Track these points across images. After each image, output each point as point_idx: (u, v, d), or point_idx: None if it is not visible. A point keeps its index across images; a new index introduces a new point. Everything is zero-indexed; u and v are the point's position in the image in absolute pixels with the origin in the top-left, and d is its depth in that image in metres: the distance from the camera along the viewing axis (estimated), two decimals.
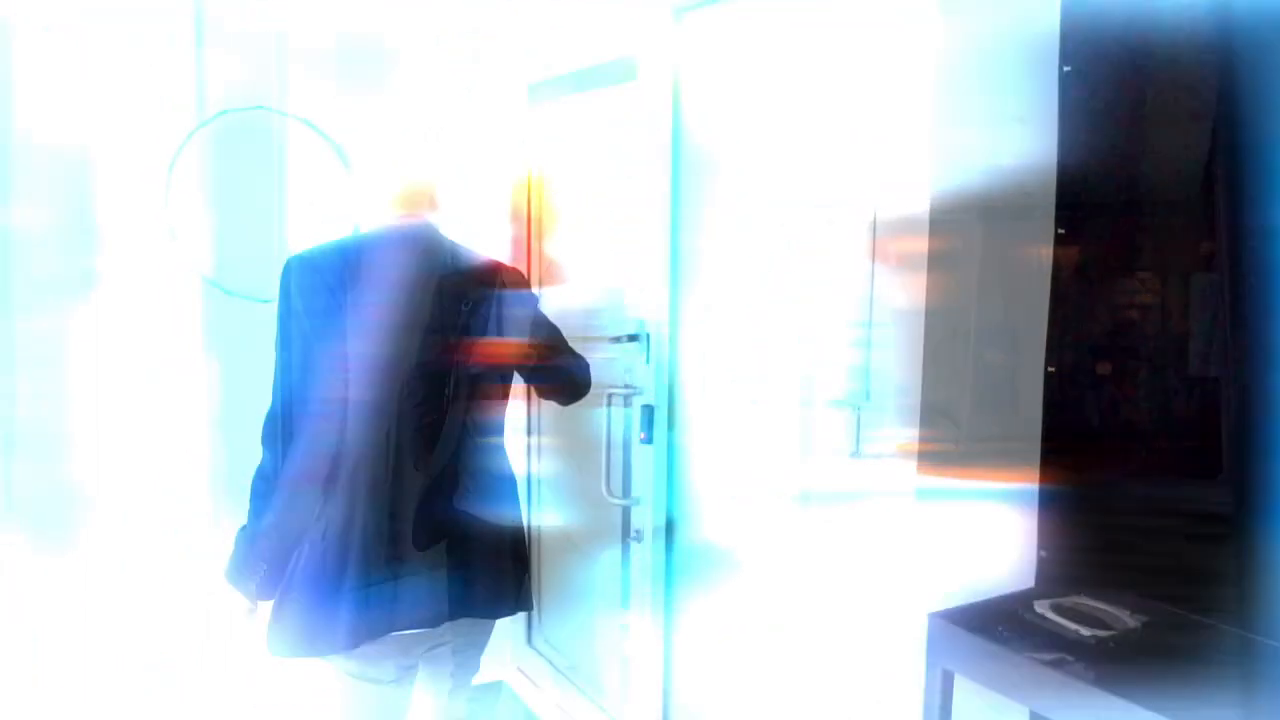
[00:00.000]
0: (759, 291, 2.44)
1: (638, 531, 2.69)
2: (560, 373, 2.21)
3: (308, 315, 1.80)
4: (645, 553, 2.71)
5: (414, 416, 1.87)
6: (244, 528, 1.88)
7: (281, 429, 1.82)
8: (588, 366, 2.27)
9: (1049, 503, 1.99)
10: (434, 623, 1.93)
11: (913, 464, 1.80)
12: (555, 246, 3.24)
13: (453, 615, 1.95)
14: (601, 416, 2.61)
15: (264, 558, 1.86)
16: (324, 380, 1.80)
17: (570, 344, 2.23)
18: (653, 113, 2.51)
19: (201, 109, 4.72)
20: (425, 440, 1.89)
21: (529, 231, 3.36)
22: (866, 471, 1.90)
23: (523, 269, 2.90)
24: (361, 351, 1.80)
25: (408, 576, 1.88)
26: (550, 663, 3.42)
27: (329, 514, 1.85)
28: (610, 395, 2.66)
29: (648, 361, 2.59)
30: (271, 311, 1.86)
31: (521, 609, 2.10)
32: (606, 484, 2.65)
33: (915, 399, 1.78)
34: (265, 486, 1.83)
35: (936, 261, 1.75)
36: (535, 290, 2.33)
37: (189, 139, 3.86)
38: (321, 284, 1.80)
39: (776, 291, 2.37)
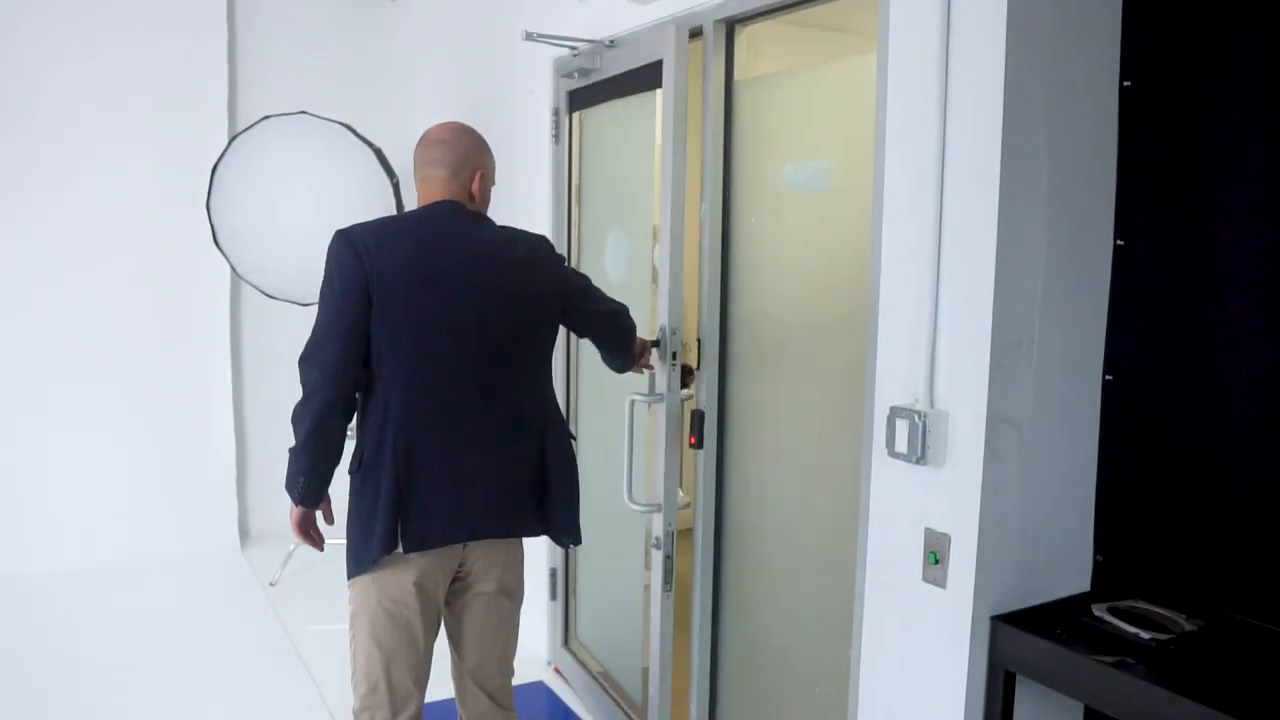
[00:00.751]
0: (810, 293, 2.48)
1: (657, 539, 2.69)
2: (606, 317, 2.44)
3: (338, 277, 2.08)
4: (697, 556, 2.75)
5: (442, 359, 2.13)
6: (290, 447, 2.14)
7: (311, 365, 2.11)
8: (627, 309, 2.48)
9: (1106, 508, 2.04)
10: (475, 535, 2.19)
11: (976, 469, 1.84)
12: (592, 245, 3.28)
13: (477, 534, 2.20)
14: (622, 423, 2.66)
15: (302, 469, 2.14)
16: (347, 328, 2.08)
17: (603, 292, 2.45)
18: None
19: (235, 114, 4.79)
20: (458, 385, 2.14)
21: (569, 230, 3.40)
22: (928, 478, 1.93)
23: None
24: (386, 305, 2.08)
25: (435, 497, 2.13)
26: (584, 666, 3.45)
27: (362, 441, 2.16)
28: (634, 401, 2.67)
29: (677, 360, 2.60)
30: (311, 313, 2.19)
31: (538, 532, 2.30)
32: (629, 490, 2.66)
33: (980, 406, 1.82)
34: (300, 411, 2.11)
35: (1004, 269, 1.78)
36: (559, 255, 2.41)
37: (232, 143, 3.90)
38: (350, 249, 2.08)
39: (830, 294, 2.41)
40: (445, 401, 2.13)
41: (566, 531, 2.31)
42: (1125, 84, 1.94)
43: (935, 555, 1.93)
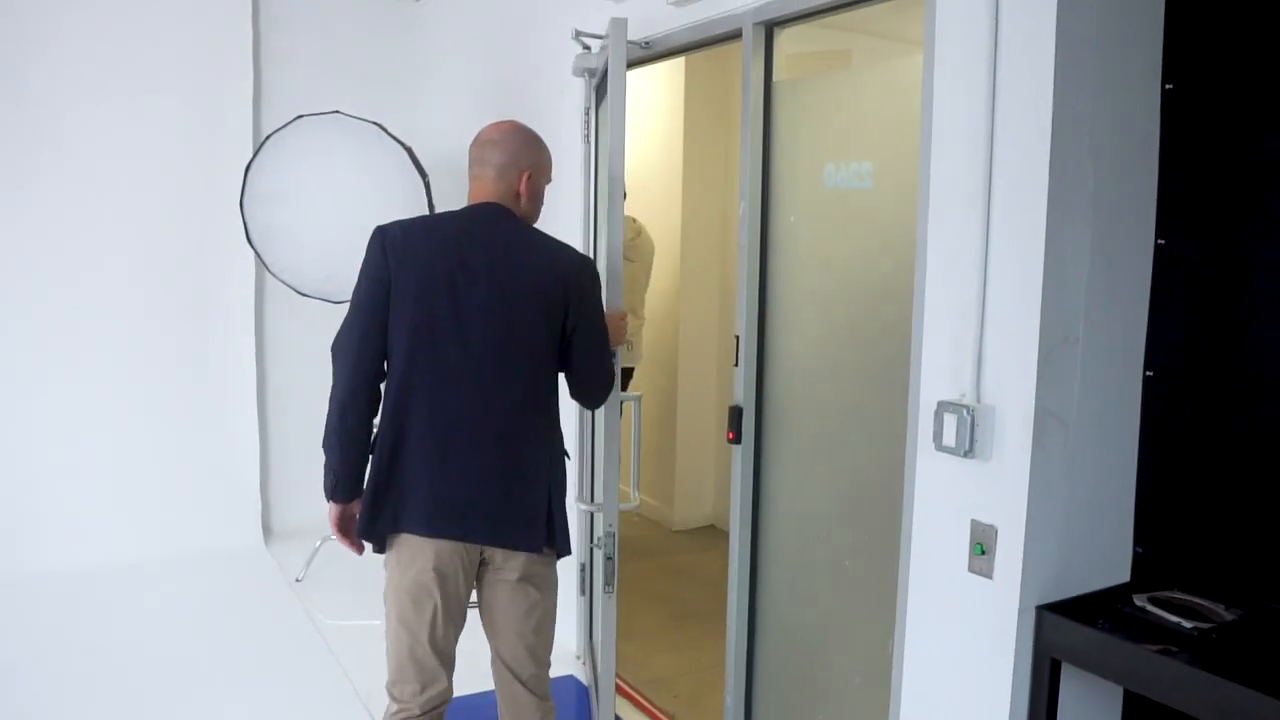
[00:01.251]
0: (849, 290, 2.53)
1: (599, 539, 2.70)
2: (586, 371, 2.36)
3: (365, 270, 2.20)
4: (733, 556, 2.80)
5: (443, 361, 2.17)
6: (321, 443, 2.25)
7: (334, 355, 2.22)
8: (613, 382, 2.46)
9: (1145, 501, 2.08)
10: (461, 537, 2.22)
11: (1024, 462, 1.89)
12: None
13: (475, 537, 2.23)
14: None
15: (329, 461, 2.24)
16: (368, 320, 2.17)
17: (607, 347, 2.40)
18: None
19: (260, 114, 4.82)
20: (455, 383, 2.18)
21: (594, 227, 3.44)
22: (975, 471, 1.98)
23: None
24: (418, 299, 2.16)
25: (441, 491, 2.19)
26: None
27: (380, 428, 2.22)
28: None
29: None
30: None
31: (538, 547, 2.28)
32: (579, 491, 2.68)
33: (1028, 401, 1.87)
34: (330, 400, 2.22)
35: (1052, 267, 1.83)
36: (594, 285, 2.36)
37: (266, 142, 3.94)
38: (379, 244, 2.19)
39: (869, 292, 2.46)
40: (440, 403, 2.18)
41: (550, 543, 2.30)
42: (1167, 87, 1.99)
43: (981, 546, 1.98)
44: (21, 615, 4.04)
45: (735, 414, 2.71)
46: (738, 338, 2.71)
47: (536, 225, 2.36)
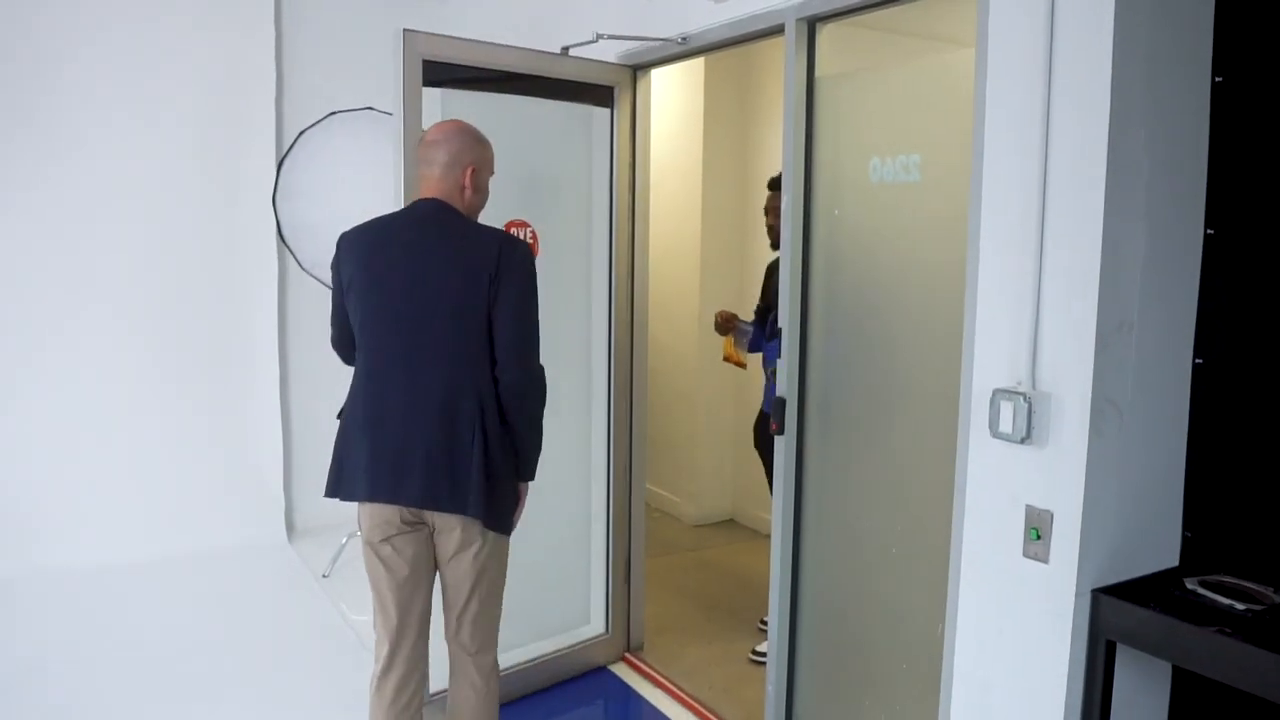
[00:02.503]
0: (893, 282, 2.56)
1: None
2: (508, 333, 2.36)
3: (332, 269, 2.48)
4: (775, 545, 2.83)
5: (384, 345, 2.37)
6: None
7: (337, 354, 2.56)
8: (531, 378, 2.41)
9: (1194, 486, 2.13)
10: (402, 502, 2.37)
11: (1080, 448, 1.92)
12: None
13: (410, 499, 2.37)
14: None
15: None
16: (339, 316, 2.48)
17: (529, 346, 2.40)
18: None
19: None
20: (393, 367, 2.36)
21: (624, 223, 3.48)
22: (1031, 457, 2.02)
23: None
24: (361, 294, 2.38)
25: (381, 460, 2.36)
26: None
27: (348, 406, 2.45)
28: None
29: None
30: None
31: (462, 509, 2.36)
32: None
33: (1085, 387, 1.90)
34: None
35: (1109, 255, 1.87)
36: (523, 265, 2.39)
37: (299, 138, 3.96)
38: (338, 246, 2.46)
39: (913, 284, 2.50)
40: (384, 384, 2.37)
41: (480, 515, 2.37)
42: (1217, 79, 2.03)
43: (1037, 531, 2.02)
44: (46, 612, 4.06)
45: (779, 405, 2.74)
46: (781, 330, 2.75)
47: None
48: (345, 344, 2.49)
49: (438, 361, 2.33)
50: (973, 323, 2.14)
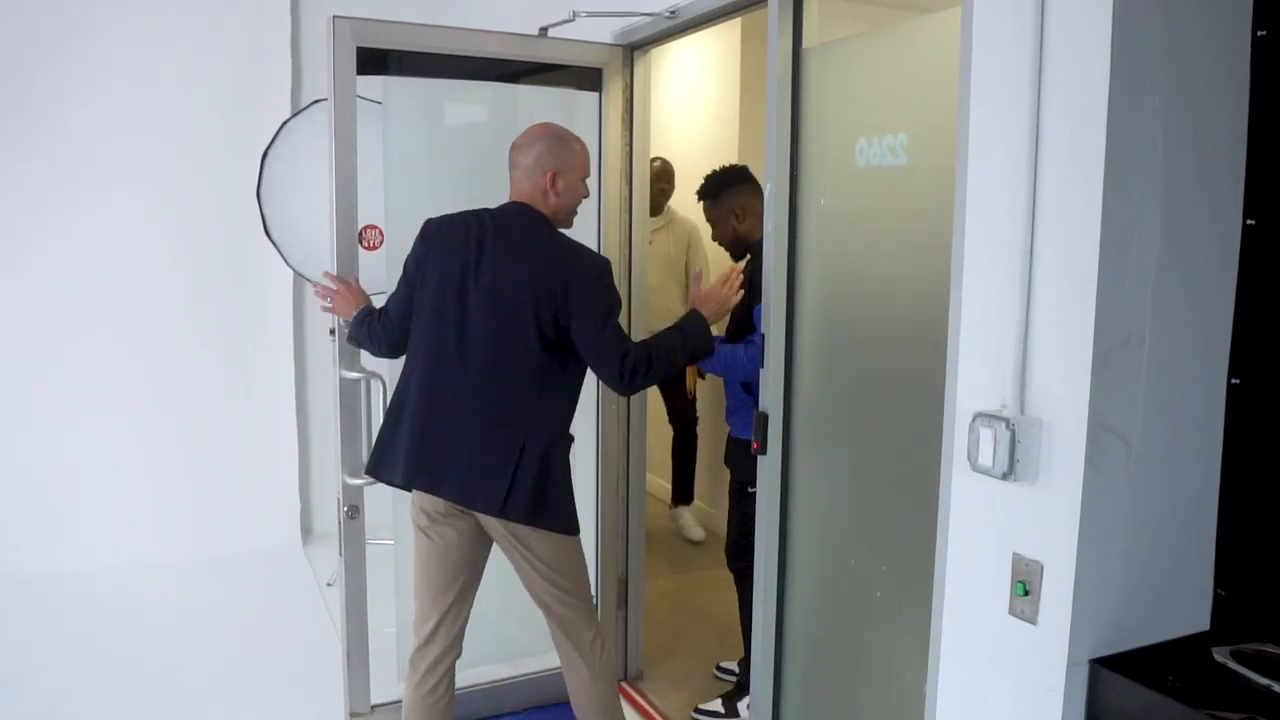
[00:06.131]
0: (888, 281, 2.23)
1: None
2: (592, 354, 2.40)
3: (410, 256, 2.54)
4: (758, 584, 2.53)
5: (443, 345, 2.42)
6: None
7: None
8: (628, 362, 2.37)
9: (1229, 535, 1.74)
10: (434, 491, 2.46)
11: (1075, 486, 1.57)
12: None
13: (448, 493, 2.45)
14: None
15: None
16: (401, 303, 2.53)
17: (608, 351, 2.37)
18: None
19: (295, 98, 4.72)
20: (448, 363, 2.42)
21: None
22: (1017, 496, 1.67)
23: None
24: (419, 288, 2.47)
25: (425, 452, 2.43)
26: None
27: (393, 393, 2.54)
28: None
29: None
30: None
31: (495, 511, 2.42)
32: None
33: (1080, 413, 1.55)
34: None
35: (1110, 253, 1.52)
36: (596, 284, 2.39)
37: (282, 129, 3.80)
38: (419, 236, 2.51)
39: (910, 283, 2.16)
40: (435, 381, 2.42)
41: (521, 514, 2.40)
42: (1260, 33, 1.64)
43: (1024, 586, 1.67)
44: (58, 615, 4.05)
45: (761, 421, 2.43)
46: (764, 336, 2.44)
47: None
48: (393, 330, 2.54)
49: (494, 367, 2.38)
50: (956, 333, 1.80)
